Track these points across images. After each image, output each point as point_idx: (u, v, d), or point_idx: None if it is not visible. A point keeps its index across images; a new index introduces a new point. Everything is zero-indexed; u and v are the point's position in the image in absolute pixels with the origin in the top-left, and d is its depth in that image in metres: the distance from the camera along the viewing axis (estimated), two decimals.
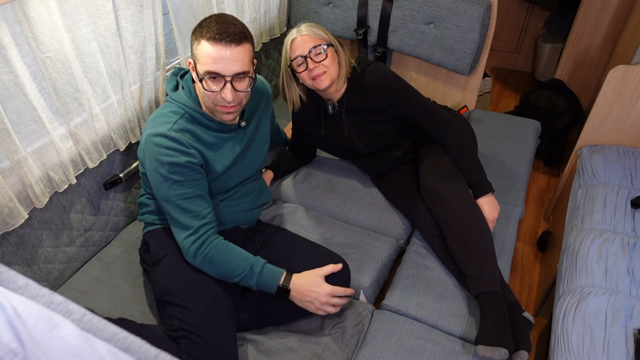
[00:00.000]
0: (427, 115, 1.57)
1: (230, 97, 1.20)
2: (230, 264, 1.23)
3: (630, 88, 1.80)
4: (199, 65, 1.19)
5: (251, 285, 1.24)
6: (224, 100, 1.20)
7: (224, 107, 1.23)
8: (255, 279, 1.23)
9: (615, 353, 1.18)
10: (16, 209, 1.20)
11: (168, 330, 1.21)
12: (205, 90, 1.20)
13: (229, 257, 1.23)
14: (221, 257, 1.23)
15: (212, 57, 1.16)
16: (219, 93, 1.20)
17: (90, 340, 0.45)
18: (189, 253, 1.23)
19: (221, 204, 1.37)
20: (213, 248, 1.22)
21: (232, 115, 1.26)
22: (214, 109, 1.25)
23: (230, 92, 1.19)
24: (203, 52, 1.16)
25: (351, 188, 1.77)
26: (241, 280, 1.23)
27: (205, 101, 1.25)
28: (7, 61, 1.11)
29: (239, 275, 1.23)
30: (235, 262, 1.23)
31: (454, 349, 1.26)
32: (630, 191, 1.67)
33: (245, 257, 1.25)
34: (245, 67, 1.20)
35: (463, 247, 1.40)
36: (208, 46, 1.15)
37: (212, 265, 1.23)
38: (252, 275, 1.23)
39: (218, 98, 1.21)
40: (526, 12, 3.27)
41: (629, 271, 1.39)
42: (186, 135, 1.23)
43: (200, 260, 1.23)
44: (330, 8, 2.24)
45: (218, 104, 1.23)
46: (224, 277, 1.25)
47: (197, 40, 1.18)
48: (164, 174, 1.19)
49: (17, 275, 0.52)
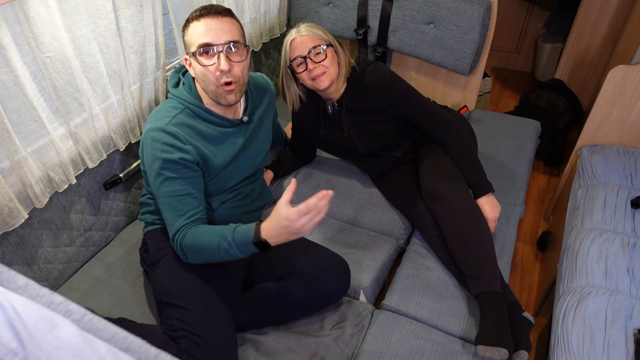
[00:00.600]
0: (427, 115, 1.57)
1: (226, 66, 1.18)
2: (206, 246, 1.15)
3: (630, 88, 1.80)
4: (191, 47, 1.20)
5: (237, 255, 1.14)
6: (222, 73, 1.19)
7: (224, 86, 1.21)
8: (235, 248, 1.12)
9: (615, 353, 1.18)
10: (16, 209, 1.20)
11: (168, 330, 1.21)
12: (202, 67, 1.19)
13: (200, 238, 1.16)
14: (195, 242, 1.16)
15: (201, 31, 1.17)
16: (216, 67, 1.19)
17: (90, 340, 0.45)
18: (178, 252, 1.22)
19: (222, 206, 1.36)
20: (187, 238, 1.17)
21: (234, 95, 1.23)
22: (216, 92, 1.23)
23: (225, 61, 1.18)
24: (192, 31, 1.18)
25: (351, 188, 1.77)
26: (227, 256, 1.14)
27: (206, 84, 1.22)
28: (7, 61, 1.11)
29: (219, 251, 1.14)
30: (208, 242, 1.15)
31: (454, 349, 1.26)
32: (630, 191, 1.67)
33: (217, 232, 1.16)
34: (236, 36, 1.20)
35: (463, 247, 1.40)
36: (196, 23, 1.18)
37: (195, 254, 1.18)
38: (230, 247, 1.12)
39: (216, 74, 1.19)
40: (526, 12, 3.27)
41: (629, 271, 1.39)
42: (184, 130, 1.22)
43: (186, 255, 1.20)
44: (330, 8, 2.24)
45: (218, 82, 1.20)
46: (211, 261, 1.18)
47: (186, 28, 1.21)
48: (157, 169, 1.19)
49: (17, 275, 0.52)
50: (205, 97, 1.28)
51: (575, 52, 2.79)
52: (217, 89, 1.22)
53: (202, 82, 1.24)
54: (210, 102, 1.28)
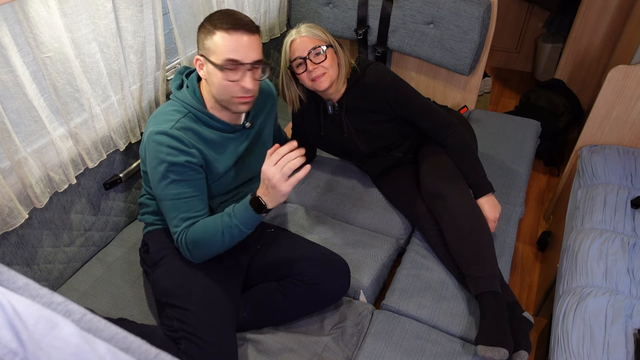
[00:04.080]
0: (427, 115, 1.57)
1: (252, 85, 1.19)
2: (210, 232, 1.18)
3: (630, 88, 1.80)
4: (214, 56, 1.16)
5: (242, 231, 1.17)
6: (243, 89, 1.19)
7: (241, 98, 1.21)
8: (238, 221, 1.16)
9: (615, 353, 1.18)
10: (16, 209, 1.20)
11: (168, 331, 1.21)
12: (224, 81, 1.18)
13: (202, 227, 1.19)
14: (197, 233, 1.18)
15: (231, 46, 1.15)
16: (238, 83, 1.18)
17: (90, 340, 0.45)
18: (184, 252, 1.22)
19: (221, 206, 1.36)
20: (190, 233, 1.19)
21: (247, 105, 1.24)
22: (229, 101, 1.22)
23: (251, 80, 1.19)
24: (220, 42, 1.15)
25: (351, 188, 1.77)
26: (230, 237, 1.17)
27: (221, 93, 1.21)
28: (7, 61, 1.11)
29: (223, 234, 1.16)
30: (212, 228, 1.18)
31: (454, 349, 1.26)
32: (630, 191, 1.67)
33: (216, 219, 1.19)
34: (261, 55, 1.20)
35: (463, 247, 1.40)
36: (225, 35, 1.14)
37: (200, 246, 1.19)
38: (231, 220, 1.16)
39: (236, 89, 1.19)
40: (526, 12, 3.27)
41: (629, 271, 1.39)
42: (188, 134, 1.22)
43: (193, 253, 1.21)
44: (330, 8, 2.24)
45: (236, 95, 1.20)
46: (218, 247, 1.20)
47: (210, 33, 1.16)
48: (163, 172, 1.19)
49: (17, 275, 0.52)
50: (210, 102, 1.26)
51: (575, 52, 2.79)
52: (232, 99, 1.22)
53: (216, 90, 1.22)
54: (214, 106, 1.27)
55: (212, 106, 1.27)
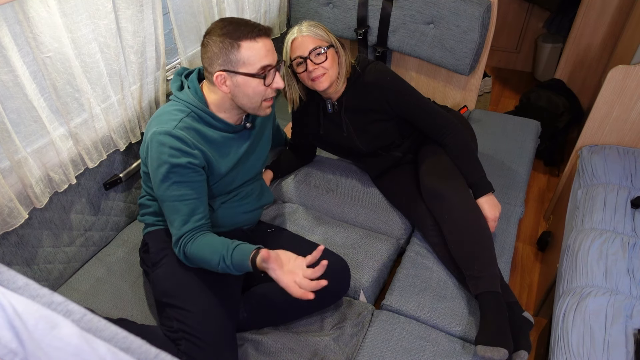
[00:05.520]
0: (426, 115, 1.57)
1: (283, 84, 1.25)
2: (206, 259, 1.17)
3: (630, 88, 1.80)
4: (246, 67, 1.17)
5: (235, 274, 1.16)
6: (274, 91, 1.24)
7: (269, 101, 1.26)
8: (233, 269, 1.14)
9: (615, 353, 1.18)
10: (16, 209, 1.20)
11: (168, 331, 1.21)
12: (261, 87, 1.21)
13: (203, 251, 1.18)
14: (198, 253, 1.19)
15: (263, 52, 1.18)
16: (272, 86, 1.23)
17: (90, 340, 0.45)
18: (180, 257, 1.23)
19: (222, 206, 1.36)
20: (191, 246, 1.19)
21: (271, 107, 1.29)
22: (260, 107, 1.26)
23: (280, 79, 1.24)
24: (250, 52, 1.16)
25: (351, 188, 1.77)
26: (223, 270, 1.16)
27: (255, 101, 1.24)
28: (7, 61, 1.11)
29: (218, 268, 1.16)
30: (209, 258, 1.17)
31: (454, 349, 1.26)
32: (630, 191, 1.67)
33: (217, 248, 1.16)
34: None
35: (463, 247, 1.40)
36: (254, 44, 1.17)
37: (196, 263, 1.22)
38: (228, 268, 1.14)
39: (269, 91, 1.24)
40: (526, 12, 3.27)
41: (629, 271, 1.39)
42: (191, 134, 1.22)
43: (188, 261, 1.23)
44: (330, 8, 2.24)
45: (268, 97, 1.25)
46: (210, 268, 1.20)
47: (235, 46, 1.15)
48: (164, 173, 1.19)
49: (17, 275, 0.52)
50: (213, 102, 1.26)
51: (575, 52, 2.79)
52: (262, 103, 1.25)
53: (248, 99, 1.23)
54: (217, 107, 1.27)
55: (217, 110, 1.27)
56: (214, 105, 1.27)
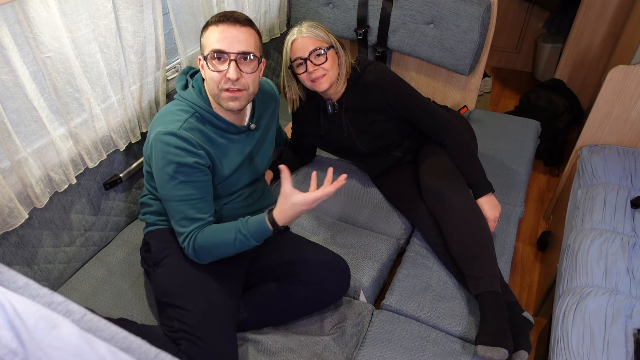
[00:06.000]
0: (426, 115, 1.57)
1: (234, 75, 1.17)
2: (221, 240, 1.20)
3: (630, 88, 1.80)
4: (205, 50, 1.19)
5: (253, 244, 1.20)
6: (229, 80, 1.18)
7: (228, 91, 1.19)
8: (250, 238, 1.18)
9: (615, 353, 1.18)
10: (16, 209, 1.20)
11: (168, 331, 1.21)
12: (210, 71, 1.18)
13: (215, 235, 1.21)
14: (209, 239, 1.20)
15: (217, 37, 1.17)
16: (223, 74, 1.18)
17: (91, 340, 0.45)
18: (189, 254, 1.23)
19: (225, 207, 1.36)
20: (199, 237, 1.21)
21: (237, 102, 1.22)
22: (218, 96, 1.21)
23: (234, 70, 1.17)
24: (209, 35, 1.18)
25: (351, 188, 1.77)
26: (241, 247, 1.20)
27: (211, 88, 1.22)
28: (7, 61, 1.11)
29: (234, 244, 1.19)
30: (223, 237, 1.20)
31: (454, 349, 1.26)
32: (630, 191, 1.67)
33: (228, 227, 1.21)
34: (251, 48, 1.19)
35: (463, 247, 1.40)
36: (213, 28, 1.18)
37: (211, 251, 1.22)
38: (244, 238, 1.18)
39: (222, 80, 1.19)
40: (526, 12, 3.27)
41: (628, 271, 1.39)
42: (196, 135, 1.21)
43: (201, 256, 1.22)
44: (330, 8, 2.24)
45: (223, 87, 1.19)
46: (228, 254, 1.23)
47: (205, 30, 1.20)
48: (171, 173, 1.19)
49: (17, 275, 0.52)
50: (212, 102, 1.27)
51: (575, 52, 2.79)
52: (220, 92, 1.21)
53: (207, 85, 1.24)
54: (219, 107, 1.26)
55: (217, 107, 1.27)
56: (215, 104, 1.27)
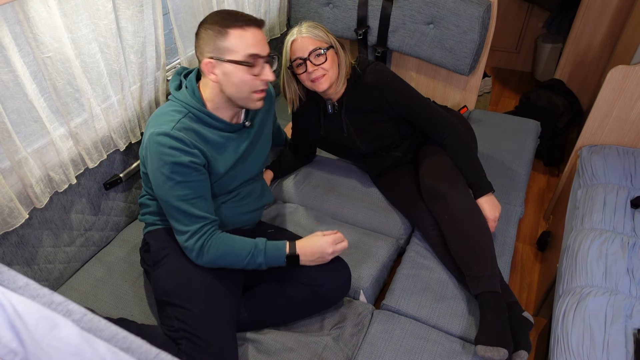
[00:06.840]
0: (426, 115, 1.57)
1: (272, 77, 1.23)
2: (235, 250, 1.24)
3: (630, 88, 1.80)
4: (233, 55, 1.18)
5: (260, 263, 1.25)
6: (264, 82, 1.23)
7: (260, 92, 1.25)
8: (262, 256, 1.25)
9: (615, 353, 1.18)
10: (16, 208, 1.20)
11: (168, 331, 1.21)
12: (247, 75, 1.20)
13: (231, 244, 1.25)
14: (224, 247, 1.24)
15: (251, 41, 1.18)
16: (259, 77, 1.22)
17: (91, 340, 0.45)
18: (193, 255, 1.23)
19: (223, 206, 1.36)
20: (213, 242, 1.23)
21: (262, 101, 1.28)
22: (248, 98, 1.25)
23: (270, 72, 1.23)
24: (237, 40, 1.17)
25: (351, 188, 1.77)
26: (249, 262, 1.25)
27: (242, 91, 1.23)
28: (7, 61, 1.11)
29: (246, 257, 1.24)
30: (239, 247, 1.25)
31: (454, 349, 1.26)
32: (630, 191, 1.67)
33: (246, 240, 1.27)
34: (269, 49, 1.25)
35: (463, 247, 1.40)
36: (242, 32, 1.17)
37: (219, 258, 1.24)
38: (258, 253, 1.25)
39: (257, 82, 1.22)
40: (526, 12, 3.27)
41: (628, 271, 1.39)
42: (189, 134, 1.21)
43: (206, 259, 1.23)
44: (330, 8, 2.24)
45: (257, 89, 1.23)
46: (232, 265, 1.26)
47: (223, 34, 1.17)
48: (167, 173, 1.18)
49: (17, 275, 0.52)
50: (211, 102, 1.26)
51: (575, 52, 2.79)
52: (251, 94, 1.24)
53: (235, 89, 1.23)
54: (214, 106, 1.26)
55: (213, 106, 1.27)
56: (210, 102, 1.27)
